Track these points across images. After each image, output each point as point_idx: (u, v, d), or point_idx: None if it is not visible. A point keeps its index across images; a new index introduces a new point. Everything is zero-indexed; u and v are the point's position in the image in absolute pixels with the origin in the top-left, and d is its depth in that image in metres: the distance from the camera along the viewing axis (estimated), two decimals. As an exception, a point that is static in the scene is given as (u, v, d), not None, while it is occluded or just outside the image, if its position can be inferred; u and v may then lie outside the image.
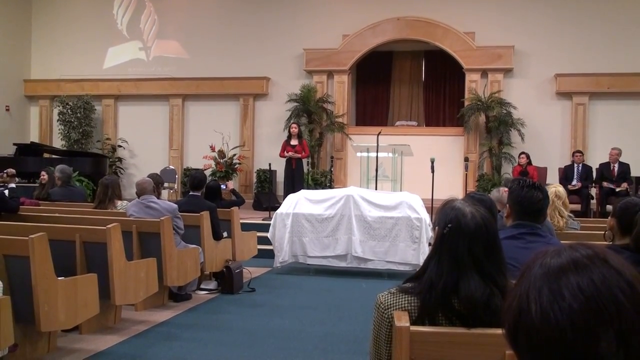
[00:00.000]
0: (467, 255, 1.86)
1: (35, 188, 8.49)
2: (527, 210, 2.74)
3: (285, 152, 10.90)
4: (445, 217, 1.93)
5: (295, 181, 10.59)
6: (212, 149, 12.63)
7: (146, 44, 14.27)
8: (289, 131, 11.20)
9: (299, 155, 10.87)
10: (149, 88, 13.96)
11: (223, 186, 8.90)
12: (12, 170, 6.78)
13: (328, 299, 6.40)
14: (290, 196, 7.97)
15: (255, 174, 12.86)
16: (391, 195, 7.92)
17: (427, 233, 7.25)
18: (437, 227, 1.97)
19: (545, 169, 11.49)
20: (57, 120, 14.00)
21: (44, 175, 8.22)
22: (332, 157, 12.51)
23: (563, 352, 0.83)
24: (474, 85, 12.21)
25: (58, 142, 13.99)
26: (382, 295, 1.94)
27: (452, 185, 11.08)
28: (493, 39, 12.21)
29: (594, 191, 10.94)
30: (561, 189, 4.84)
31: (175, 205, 6.09)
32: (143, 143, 14.02)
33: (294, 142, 10.94)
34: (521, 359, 0.90)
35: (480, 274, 1.85)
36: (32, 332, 4.11)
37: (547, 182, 9.75)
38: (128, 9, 14.36)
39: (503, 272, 1.89)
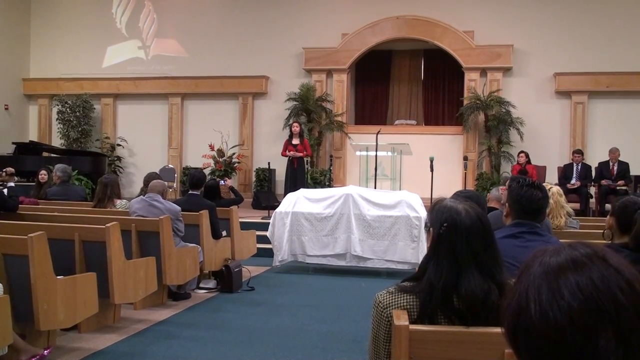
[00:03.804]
0: (466, 252, 1.87)
1: (33, 187, 8.49)
2: (526, 209, 2.75)
3: (287, 151, 10.89)
4: (440, 217, 1.93)
5: (297, 181, 10.54)
6: (211, 147, 12.63)
7: (145, 42, 14.27)
8: (291, 130, 11.18)
9: (301, 155, 10.86)
10: (148, 87, 13.95)
11: (222, 182, 8.91)
12: (11, 169, 6.76)
13: (327, 298, 6.40)
14: (290, 195, 7.97)
15: (254, 173, 12.86)
16: (390, 194, 7.92)
17: (426, 232, 7.24)
18: (431, 228, 1.97)
19: (544, 167, 11.49)
20: (56, 119, 14.00)
21: (44, 175, 8.20)
22: (331, 156, 12.51)
23: (562, 351, 0.83)
24: (473, 84, 12.21)
25: (57, 141, 13.98)
26: (381, 295, 1.94)
27: (451, 184, 11.06)
28: (492, 37, 12.21)
29: (593, 190, 10.95)
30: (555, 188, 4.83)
31: (179, 208, 6.06)
32: (142, 142, 14.02)
33: (295, 141, 10.92)
34: (520, 358, 0.90)
35: (480, 270, 1.86)
36: (32, 331, 4.10)
37: (545, 182, 9.76)
38: (127, 8, 14.35)
39: (500, 265, 1.90)
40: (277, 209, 7.77)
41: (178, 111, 13.83)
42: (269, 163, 11.17)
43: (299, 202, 7.68)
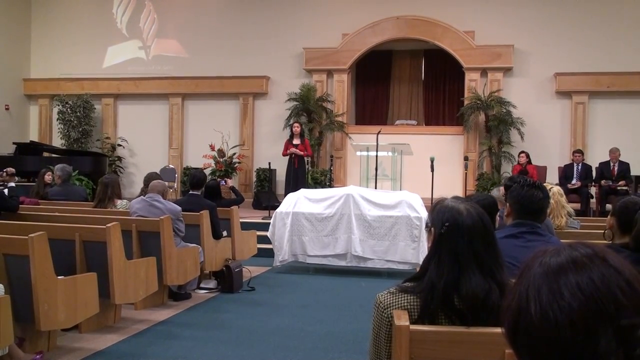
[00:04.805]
0: (467, 252, 1.87)
1: (32, 187, 8.49)
2: (527, 210, 2.75)
3: (287, 150, 10.92)
4: (442, 217, 1.93)
5: (298, 181, 10.56)
6: (212, 148, 12.63)
7: (146, 43, 14.27)
8: (291, 130, 11.20)
9: (302, 153, 10.88)
10: (149, 87, 13.95)
11: (222, 182, 8.91)
12: (11, 169, 6.79)
13: (328, 298, 6.40)
14: (290, 195, 7.97)
15: (254, 173, 12.86)
16: (391, 194, 7.92)
17: (427, 232, 7.24)
18: (433, 228, 1.96)
19: (545, 167, 11.49)
20: (57, 119, 14.00)
21: (50, 176, 8.21)
22: (331, 156, 12.51)
23: (562, 351, 0.83)
24: (474, 84, 12.20)
25: (58, 141, 13.98)
26: (382, 295, 1.94)
27: (452, 185, 11.08)
28: (493, 37, 12.21)
29: (593, 190, 10.94)
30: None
31: (179, 208, 6.06)
32: (143, 142, 14.02)
33: (296, 141, 10.95)
34: (521, 358, 0.90)
35: (481, 269, 1.86)
36: (32, 331, 4.11)
37: (546, 182, 9.76)
38: (127, 8, 14.35)
39: (501, 265, 1.90)
40: (278, 209, 7.77)
41: (178, 111, 13.83)
42: (269, 163, 11.18)
43: (299, 202, 7.69)
